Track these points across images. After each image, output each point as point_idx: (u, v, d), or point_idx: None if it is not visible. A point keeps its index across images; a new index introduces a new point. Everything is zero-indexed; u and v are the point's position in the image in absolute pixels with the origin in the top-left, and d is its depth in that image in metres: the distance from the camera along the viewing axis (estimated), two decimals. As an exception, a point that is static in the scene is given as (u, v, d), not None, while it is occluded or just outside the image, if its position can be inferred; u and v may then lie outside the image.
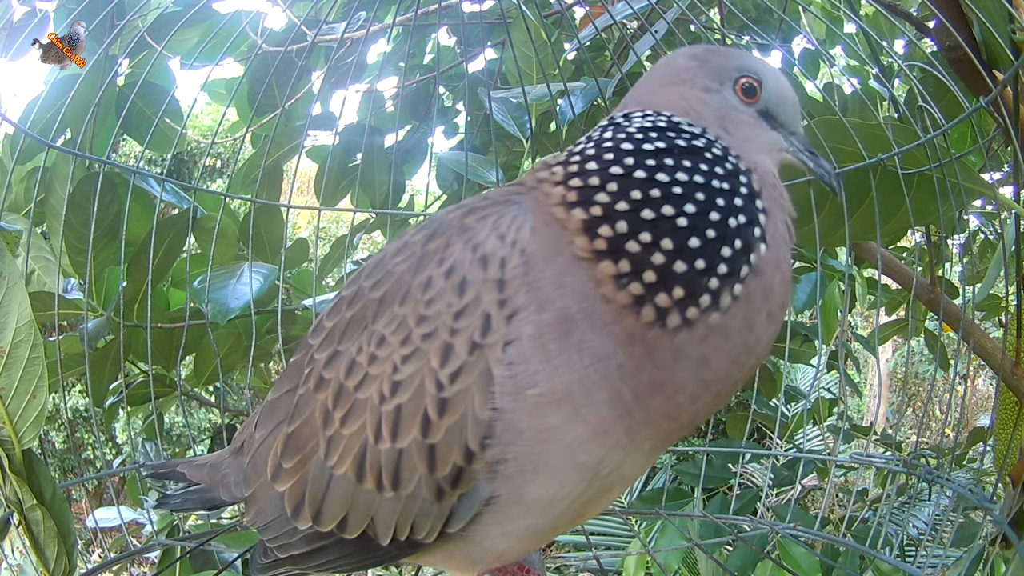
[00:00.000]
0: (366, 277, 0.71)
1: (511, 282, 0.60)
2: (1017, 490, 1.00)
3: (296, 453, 0.72)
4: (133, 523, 1.64)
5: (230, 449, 0.90)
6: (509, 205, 0.65)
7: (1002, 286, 1.53)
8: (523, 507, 0.64)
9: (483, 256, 0.62)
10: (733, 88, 0.67)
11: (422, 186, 2.07)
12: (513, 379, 0.59)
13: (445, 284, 0.63)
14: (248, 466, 0.80)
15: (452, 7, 1.99)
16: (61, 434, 6.17)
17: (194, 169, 7.02)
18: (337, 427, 0.69)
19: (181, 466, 0.96)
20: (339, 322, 0.72)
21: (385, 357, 0.65)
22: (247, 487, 0.80)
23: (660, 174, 0.59)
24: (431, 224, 0.70)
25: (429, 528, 0.66)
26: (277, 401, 0.79)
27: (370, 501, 0.67)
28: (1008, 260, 1.15)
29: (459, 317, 0.61)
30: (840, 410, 2.57)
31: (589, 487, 0.64)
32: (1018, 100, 1.01)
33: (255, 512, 0.78)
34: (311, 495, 0.71)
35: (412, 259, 0.67)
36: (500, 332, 0.60)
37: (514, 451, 0.61)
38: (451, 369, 0.61)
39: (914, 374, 6.43)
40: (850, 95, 1.88)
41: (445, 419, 0.62)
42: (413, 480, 0.64)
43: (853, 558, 1.43)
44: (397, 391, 0.64)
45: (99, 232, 1.48)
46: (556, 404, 0.59)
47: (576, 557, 2.08)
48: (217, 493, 0.88)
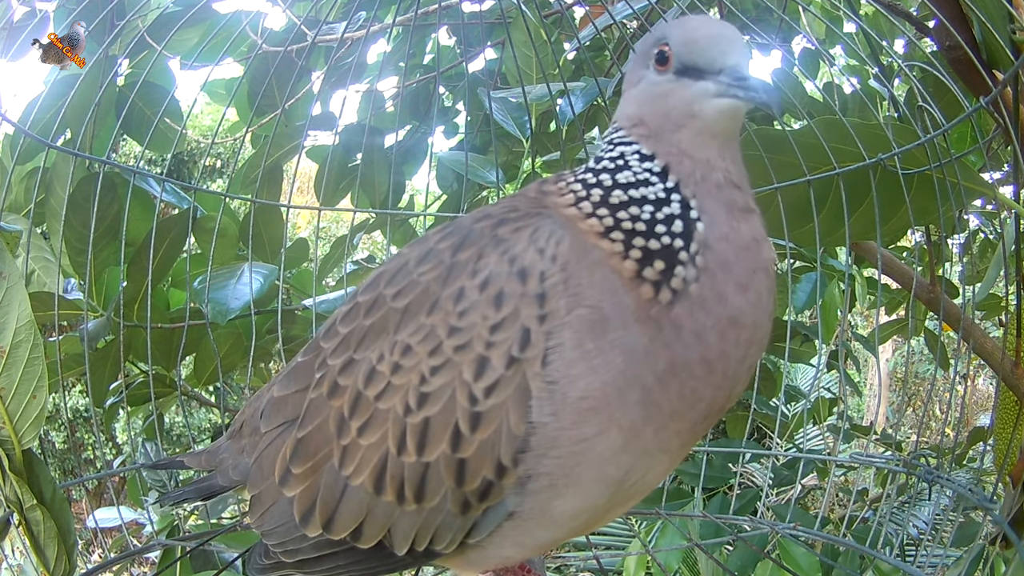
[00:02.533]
0: (387, 284, 0.70)
1: (551, 294, 0.60)
2: (1017, 490, 1.00)
3: (307, 459, 0.71)
4: (133, 523, 1.64)
5: (227, 434, 0.89)
6: (543, 218, 0.65)
7: (1002, 286, 1.53)
8: (546, 520, 0.64)
9: (522, 269, 0.62)
10: (652, 64, 0.67)
11: (422, 186, 2.07)
12: (553, 386, 0.59)
13: (480, 296, 0.62)
14: (253, 465, 0.79)
15: (452, 7, 1.99)
16: (61, 434, 6.18)
17: (194, 169, 7.02)
18: (354, 436, 0.67)
19: (181, 457, 0.97)
20: (355, 329, 0.70)
21: (411, 367, 0.64)
22: (251, 487, 0.79)
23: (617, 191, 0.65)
24: (457, 232, 0.68)
25: (450, 540, 0.65)
26: (284, 400, 0.77)
27: (389, 513, 0.66)
28: (1008, 260, 1.15)
29: (496, 330, 0.61)
30: (840, 410, 2.57)
31: (612, 499, 0.64)
32: (1018, 100, 1.01)
33: (260, 514, 0.77)
34: (323, 503, 0.69)
35: (440, 268, 0.66)
36: (540, 347, 0.60)
37: (547, 465, 0.61)
38: (486, 383, 0.61)
39: (914, 374, 6.43)
40: (850, 95, 1.89)
41: (478, 433, 0.61)
42: (439, 494, 0.64)
43: (853, 558, 1.43)
44: (425, 403, 0.63)
45: (99, 232, 1.48)
46: (594, 410, 0.59)
47: (576, 557, 2.08)
48: (215, 479, 0.87)
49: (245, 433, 0.84)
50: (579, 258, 0.62)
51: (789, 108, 1.91)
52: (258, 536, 0.79)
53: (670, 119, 0.65)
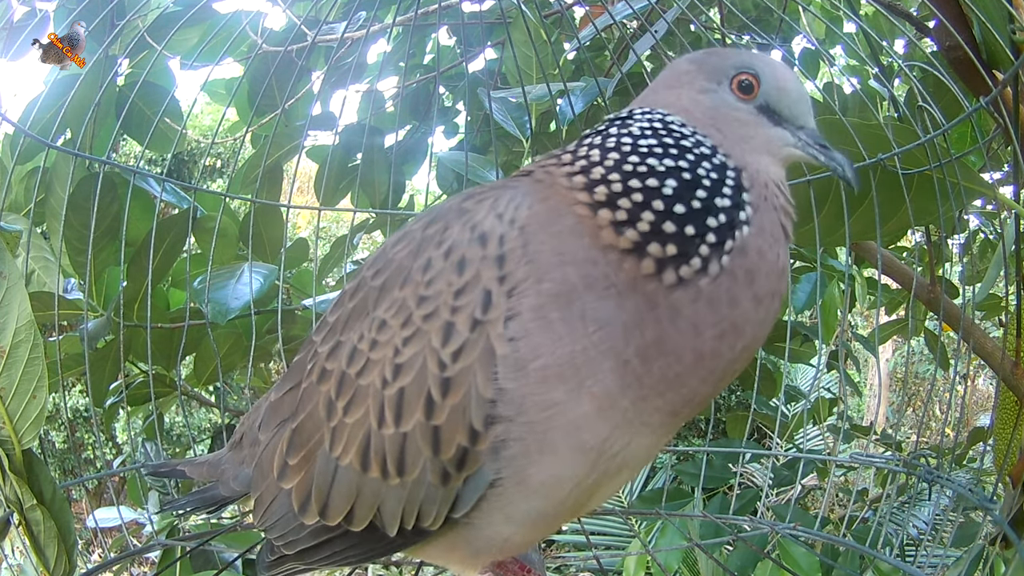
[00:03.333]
0: (368, 268, 0.72)
1: (510, 257, 0.61)
2: (1017, 490, 1.00)
3: (301, 448, 0.72)
4: (133, 523, 1.64)
5: (228, 445, 0.90)
6: (506, 189, 0.66)
7: (1002, 286, 1.53)
8: (527, 489, 0.64)
9: (481, 234, 0.63)
10: (730, 86, 0.68)
11: (422, 186, 2.07)
12: (516, 354, 0.60)
13: (445, 264, 0.63)
14: (254, 469, 0.80)
15: (452, 7, 1.99)
16: (61, 434, 6.17)
17: (194, 169, 7.02)
18: (341, 416, 0.68)
19: (181, 464, 0.97)
20: (341, 315, 0.72)
21: (386, 341, 0.65)
22: (254, 490, 0.80)
23: (650, 159, 0.63)
24: (430, 212, 0.71)
25: (435, 514, 0.66)
26: (280, 401, 0.78)
27: (376, 490, 0.67)
28: (1008, 260, 1.15)
29: (459, 295, 0.62)
30: (840, 410, 2.57)
31: (594, 468, 0.64)
32: (1018, 100, 1.01)
33: (263, 513, 0.78)
34: (317, 489, 0.70)
35: (412, 244, 0.68)
36: (501, 308, 0.60)
37: (518, 430, 0.61)
38: (453, 347, 0.61)
39: (914, 374, 6.43)
40: (850, 95, 1.88)
41: (448, 399, 0.62)
42: (418, 464, 0.64)
43: (853, 558, 1.43)
44: (399, 374, 0.64)
45: (99, 232, 1.48)
46: (560, 377, 0.60)
47: (576, 557, 2.09)
48: (217, 490, 0.88)
49: (245, 444, 0.85)
50: (544, 224, 0.62)
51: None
52: (260, 536, 0.79)
53: (750, 143, 0.67)
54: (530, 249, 0.61)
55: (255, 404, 0.90)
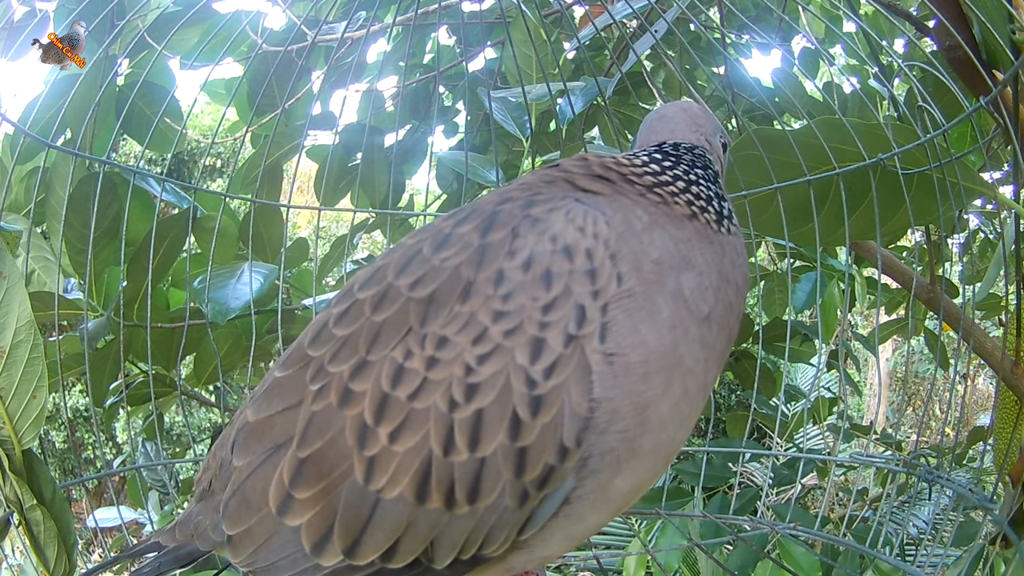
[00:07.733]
0: (397, 275, 0.65)
1: (601, 271, 0.61)
2: (1017, 490, 1.00)
3: (317, 480, 0.64)
4: (133, 523, 1.64)
5: (196, 496, 0.80)
6: (570, 201, 0.66)
7: (1002, 285, 1.53)
8: (601, 503, 0.62)
9: (565, 247, 0.61)
10: (720, 140, 0.90)
11: (422, 186, 2.07)
12: (613, 358, 0.59)
13: (525, 277, 0.60)
14: (234, 500, 0.69)
15: (452, 7, 1.99)
16: (61, 434, 6.18)
17: (194, 169, 7.02)
18: (385, 444, 0.61)
19: (155, 536, 0.84)
20: (360, 328, 0.65)
21: (452, 359, 0.60)
22: (232, 525, 0.69)
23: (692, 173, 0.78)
24: (477, 215, 0.66)
25: (503, 539, 0.62)
26: (268, 422, 0.68)
27: (434, 522, 0.61)
28: (1008, 259, 1.15)
29: (549, 310, 0.59)
30: (840, 409, 2.57)
31: (666, 463, 0.67)
32: (1018, 100, 1.01)
33: (250, 553, 0.68)
34: (343, 525, 0.63)
35: (468, 252, 0.63)
36: (596, 322, 0.59)
37: (610, 440, 0.59)
38: (544, 364, 0.59)
39: (914, 373, 6.44)
40: (850, 95, 1.89)
41: (540, 418, 0.59)
42: (496, 490, 0.60)
43: (853, 558, 1.43)
44: (475, 394, 0.60)
45: (99, 232, 1.48)
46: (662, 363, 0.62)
47: (576, 557, 2.08)
48: (193, 546, 0.77)
49: (217, 489, 0.74)
50: (623, 230, 0.65)
51: (789, 108, 1.91)
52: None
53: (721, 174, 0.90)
54: (619, 257, 0.62)
55: (218, 441, 0.78)
